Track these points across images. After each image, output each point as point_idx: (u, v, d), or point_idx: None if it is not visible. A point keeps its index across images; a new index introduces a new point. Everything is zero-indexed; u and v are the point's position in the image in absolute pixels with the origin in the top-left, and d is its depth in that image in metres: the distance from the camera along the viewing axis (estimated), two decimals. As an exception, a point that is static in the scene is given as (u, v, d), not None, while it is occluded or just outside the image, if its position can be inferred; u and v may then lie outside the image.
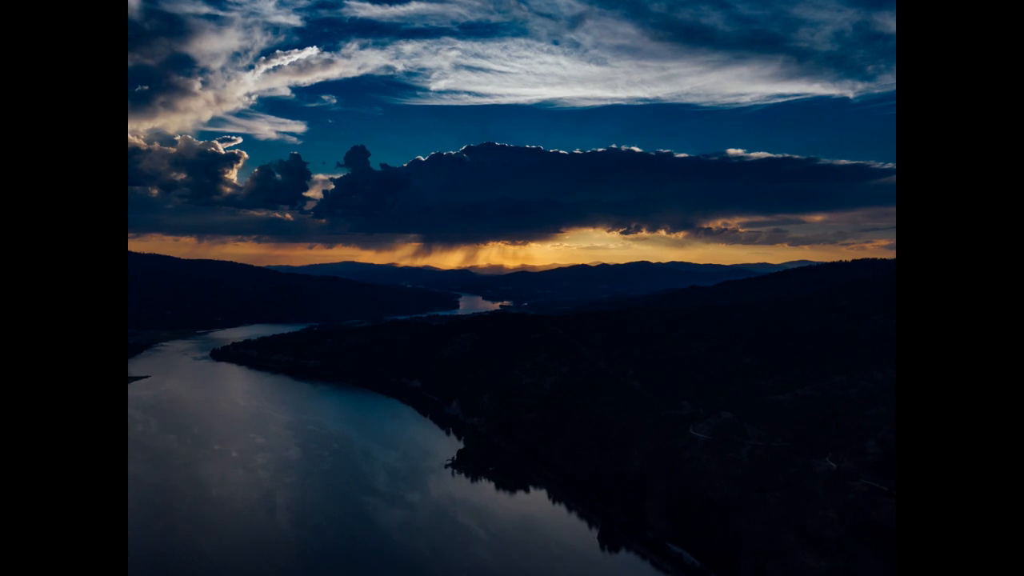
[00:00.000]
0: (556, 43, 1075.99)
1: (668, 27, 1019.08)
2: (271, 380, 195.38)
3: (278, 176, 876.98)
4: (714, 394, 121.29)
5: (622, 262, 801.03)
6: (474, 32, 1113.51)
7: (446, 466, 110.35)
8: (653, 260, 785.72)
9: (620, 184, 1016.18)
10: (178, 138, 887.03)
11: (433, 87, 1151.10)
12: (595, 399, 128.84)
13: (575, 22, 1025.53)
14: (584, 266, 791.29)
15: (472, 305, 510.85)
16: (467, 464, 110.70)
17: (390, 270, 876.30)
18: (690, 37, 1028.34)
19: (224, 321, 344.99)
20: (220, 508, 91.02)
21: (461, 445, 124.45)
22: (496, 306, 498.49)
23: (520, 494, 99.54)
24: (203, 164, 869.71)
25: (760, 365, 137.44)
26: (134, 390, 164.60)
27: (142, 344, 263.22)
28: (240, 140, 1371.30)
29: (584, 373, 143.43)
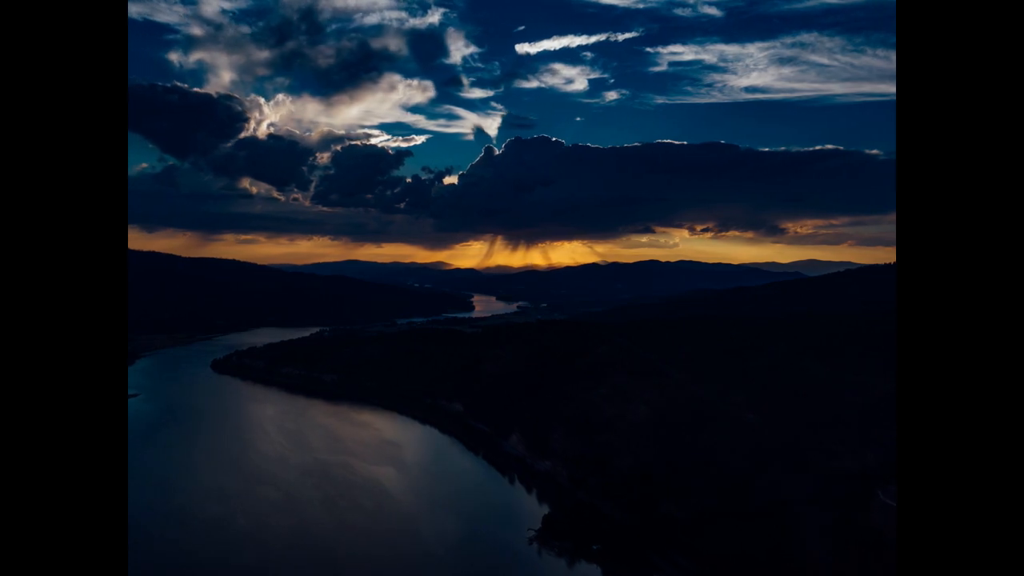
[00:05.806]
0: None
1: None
2: (282, 401, 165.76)
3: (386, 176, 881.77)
4: (877, 438, 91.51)
5: (630, 261, 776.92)
6: (833, 25, 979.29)
7: (530, 541, 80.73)
8: (662, 259, 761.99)
9: (728, 183, 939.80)
10: (340, 133, 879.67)
11: (743, 83, 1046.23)
12: (709, 439, 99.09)
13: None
14: (594, 265, 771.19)
15: (488, 306, 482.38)
16: (558, 537, 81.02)
17: (395, 268, 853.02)
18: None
19: (227, 325, 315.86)
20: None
21: (536, 502, 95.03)
22: (514, 307, 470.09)
23: (652, 595, 69.66)
24: (355, 162, 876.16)
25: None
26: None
27: (136, 352, 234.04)
28: (422, 139, 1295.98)
29: (681, 401, 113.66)
